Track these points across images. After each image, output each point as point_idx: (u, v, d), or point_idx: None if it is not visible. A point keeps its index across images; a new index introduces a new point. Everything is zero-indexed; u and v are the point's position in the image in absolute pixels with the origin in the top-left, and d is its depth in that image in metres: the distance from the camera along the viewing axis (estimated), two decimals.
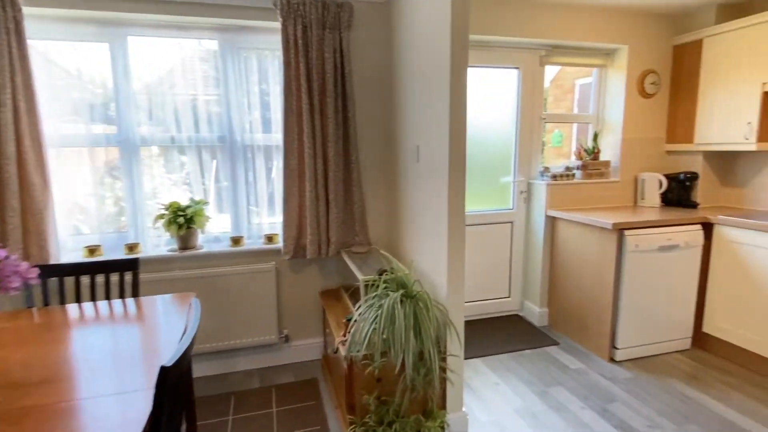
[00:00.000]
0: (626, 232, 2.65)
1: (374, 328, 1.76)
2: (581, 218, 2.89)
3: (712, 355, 2.85)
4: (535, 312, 3.36)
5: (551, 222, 3.25)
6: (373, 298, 1.89)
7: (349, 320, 2.02)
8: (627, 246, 2.65)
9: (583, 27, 3.09)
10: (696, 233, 2.79)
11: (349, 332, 1.93)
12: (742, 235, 2.63)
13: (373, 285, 2.02)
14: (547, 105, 4.60)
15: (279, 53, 2.64)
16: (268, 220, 2.80)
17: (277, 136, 2.73)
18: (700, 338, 2.97)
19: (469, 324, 3.35)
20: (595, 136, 3.34)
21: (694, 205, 3.17)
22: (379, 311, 1.78)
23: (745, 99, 2.82)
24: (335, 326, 2.22)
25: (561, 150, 4.23)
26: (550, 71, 4.62)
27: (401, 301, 1.82)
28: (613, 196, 3.35)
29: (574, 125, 3.89)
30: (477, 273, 3.37)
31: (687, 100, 3.23)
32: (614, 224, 2.63)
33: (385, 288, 1.95)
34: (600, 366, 2.73)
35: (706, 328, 2.88)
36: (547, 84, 3.64)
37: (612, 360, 2.80)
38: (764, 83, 2.72)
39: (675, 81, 3.32)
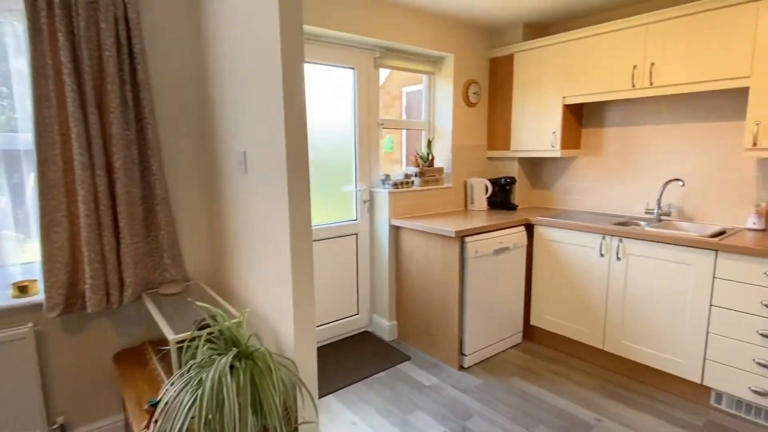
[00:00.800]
0: (467, 239, 2.65)
1: (193, 417, 1.23)
2: (424, 226, 2.80)
3: (541, 346, 3.11)
4: (385, 326, 3.18)
5: (395, 231, 3.11)
6: (191, 369, 1.33)
7: (154, 405, 1.41)
8: (468, 252, 2.65)
9: (415, 32, 3.02)
10: (521, 234, 2.99)
11: (154, 423, 1.33)
12: (554, 233, 2.91)
13: (190, 346, 1.45)
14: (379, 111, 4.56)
15: (19, 12, 1.79)
16: (21, 260, 1.90)
17: (26, 137, 1.86)
18: (530, 331, 3.22)
19: (318, 351, 2.96)
20: (429, 143, 3.35)
21: (514, 207, 3.44)
22: (200, 390, 1.25)
23: (550, 111, 3.15)
24: (135, 413, 1.55)
25: (392, 156, 4.20)
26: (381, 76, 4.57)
27: (232, 368, 1.32)
28: (448, 202, 3.41)
29: (403, 131, 3.87)
30: (323, 293, 3.01)
31: (503, 110, 3.49)
32: (457, 232, 2.60)
33: (210, 348, 1.42)
34: (452, 377, 2.68)
35: (534, 321, 3.12)
36: None
37: (461, 368, 2.78)
38: (564, 97, 3.06)
39: (492, 91, 3.56)
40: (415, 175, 3.22)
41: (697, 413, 2.30)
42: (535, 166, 3.65)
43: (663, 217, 2.89)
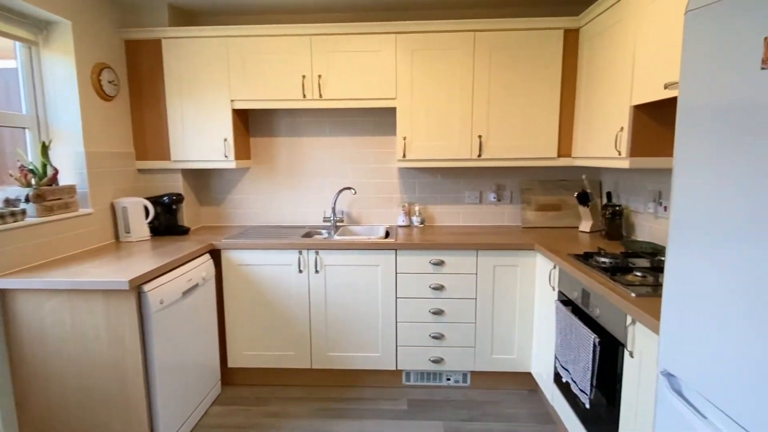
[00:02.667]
0: (145, 288, 1.87)
1: None
2: (63, 282, 1.78)
3: (246, 388, 2.66)
4: None
5: (2, 298, 1.84)
6: None
7: None
8: (150, 306, 1.88)
9: None
10: (208, 264, 2.43)
11: None
12: (245, 256, 2.54)
13: None
14: None
15: None
16: None
17: None
18: (230, 375, 2.71)
19: None
20: (45, 149, 2.18)
21: (185, 231, 2.79)
22: None
23: (218, 115, 2.70)
24: None
25: None
26: None
27: None
28: (89, 235, 2.36)
29: None
30: None
31: (155, 110, 2.74)
32: (132, 281, 1.78)
33: None
34: None
35: (232, 363, 2.64)
36: None
37: None
38: (233, 100, 2.69)
39: (135, 84, 2.72)
40: (27, 200, 2.02)
41: (398, 398, 2.56)
42: (202, 180, 3.10)
43: (339, 224, 3.07)
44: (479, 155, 2.67)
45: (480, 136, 2.66)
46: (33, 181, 2.10)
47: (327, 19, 2.93)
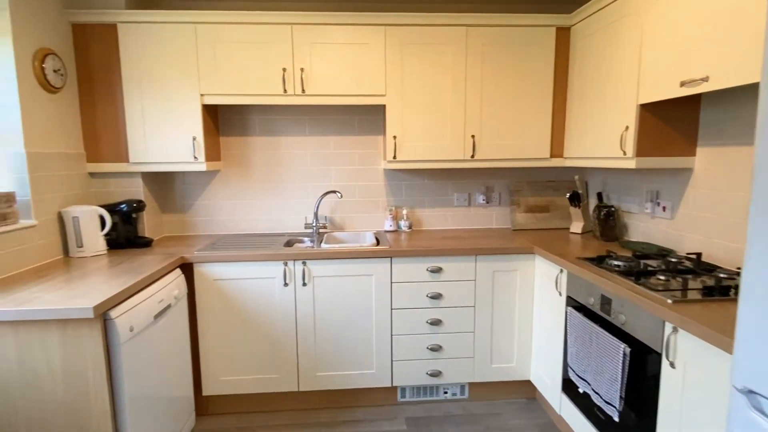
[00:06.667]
0: (112, 314, 1.57)
1: None
2: (12, 313, 1.45)
3: (224, 418, 2.37)
4: None
5: None
6: None
7: None
8: (119, 335, 1.58)
9: None
10: (180, 280, 2.13)
11: None
12: (221, 269, 2.26)
13: None
14: None
15: None
16: None
17: None
18: (205, 405, 2.40)
19: None
20: None
21: (147, 243, 2.45)
22: None
23: (185, 110, 2.40)
24: None
25: None
26: None
27: None
28: (32, 251, 1.99)
29: None
30: None
31: (109, 104, 2.39)
32: (96, 307, 1.48)
33: None
34: None
35: (207, 390, 2.34)
36: None
37: None
38: (203, 95, 2.40)
39: (86, 74, 2.36)
40: None
41: (395, 417, 2.38)
42: (164, 184, 2.76)
43: (322, 230, 2.84)
44: (473, 156, 2.55)
45: (473, 136, 2.54)
46: None
47: (310, 8, 2.70)
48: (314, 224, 2.74)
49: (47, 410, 1.53)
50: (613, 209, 2.47)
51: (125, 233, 2.40)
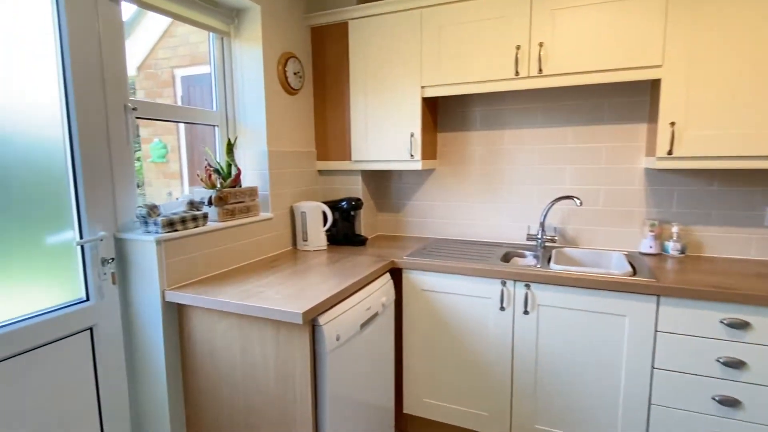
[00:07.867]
0: (320, 320, 1.46)
1: None
2: (237, 305, 1.48)
3: None
4: None
5: (177, 314, 1.66)
6: None
7: None
8: (326, 343, 1.46)
9: None
10: (388, 286, 1.97)
11: None
12: (430, 279, 2.00)
13: None
14: (127, 86, 2.88)
15: None
16: None
17: None
18: (405, 422, 2.23)
19: None
20: (230, 147, 2.00)
21: (362, 241, 2.40)
22: None
23: (404, 106, 2.24)
24: None
25: (166, 168, 2.64)
26: (136, 47, 2.91)
27: None
28: (268, 242, 2.13)
29: (181, 129, 2.39)
30: None
31: (337, 104, 2.42)
32: (305, 314, 1.38)
33: None
34: None
35: (408, 409, 2.14)
36: (131, 70, 2.01)
37: None
38: (423, 87, 2.19)
39: (320, 75, 2.45)
40: (210, 203, 1.84)
41: None
42: (381, 182, 2.71)
43: (548, 244, 2.31)
44: None
45: None
46: (217, 182, 1.93)
47: None
48: (539, 236, 2.23)
49: (260, 400, 1.53)
50: None
51: (344, 230, 2.41)
